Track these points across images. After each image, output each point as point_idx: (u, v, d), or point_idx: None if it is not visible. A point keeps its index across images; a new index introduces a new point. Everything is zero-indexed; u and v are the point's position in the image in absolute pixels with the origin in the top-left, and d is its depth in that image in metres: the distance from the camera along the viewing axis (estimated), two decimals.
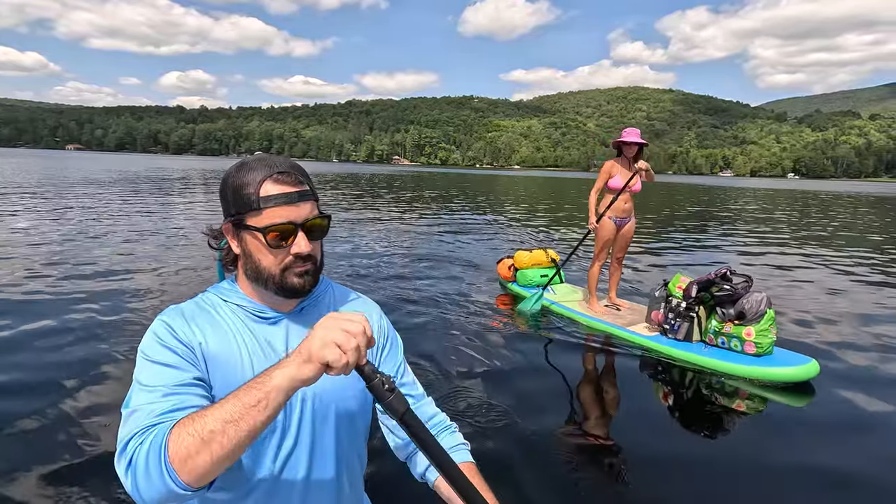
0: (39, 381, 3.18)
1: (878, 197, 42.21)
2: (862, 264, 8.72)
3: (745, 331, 3.64)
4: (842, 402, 3.31)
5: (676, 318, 3.98)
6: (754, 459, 2.62)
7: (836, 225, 16.15)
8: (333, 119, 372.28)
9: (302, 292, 0.91)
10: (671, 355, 3.90)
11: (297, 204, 0.87)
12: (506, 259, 6.14)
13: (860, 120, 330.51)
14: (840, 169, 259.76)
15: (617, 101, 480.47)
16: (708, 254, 9.59)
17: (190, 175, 35.02)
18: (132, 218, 11.06)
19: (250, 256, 0.90)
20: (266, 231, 0.86)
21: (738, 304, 3.69)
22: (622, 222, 4.84)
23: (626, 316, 4.76)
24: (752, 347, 3.62)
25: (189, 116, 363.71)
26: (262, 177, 0.86)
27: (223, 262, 1.00)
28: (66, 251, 7.18)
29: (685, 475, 2.49)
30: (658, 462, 2.59)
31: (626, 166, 4.73)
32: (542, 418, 2.98)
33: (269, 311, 0.94)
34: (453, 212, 16.30)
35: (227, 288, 0.97)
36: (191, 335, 0.87)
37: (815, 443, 2.83)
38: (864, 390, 3.49)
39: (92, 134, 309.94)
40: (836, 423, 3.05)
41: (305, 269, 0.90)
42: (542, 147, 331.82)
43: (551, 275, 5.64)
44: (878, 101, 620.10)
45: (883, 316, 5.48)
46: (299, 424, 0.93)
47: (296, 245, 0.88)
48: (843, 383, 3.59)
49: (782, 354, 3.69)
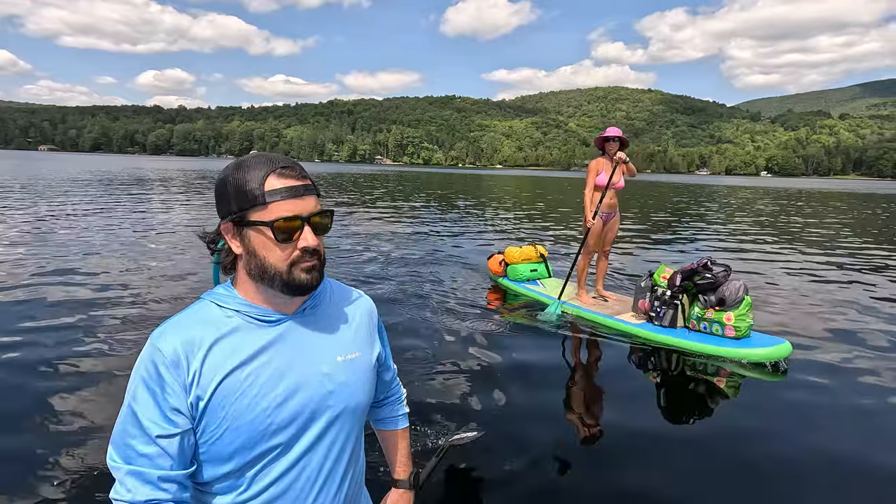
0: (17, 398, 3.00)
1: (846, 193, 43.70)
2: (829, 254, 9.24)
3: (726, 316, 3.92)
4: (811, 377, 3.63)
5: (662, 306, 4.24)
6: (734, 431, 2.89)
7: (806, 219, 16.81)
8: (315, 119, 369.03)
9: (309, 288, 0.91)
10: (658, 340, 4.17)
11: (303, 197, 0.88)
12: (496, 255, 6.35)
13: (830, 119, 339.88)
14: (810, 167, 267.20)
15: (597, 100, 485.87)
16: (686, 246, 9.99)
17: (171, 176, 34.60)
18: (112, 221, 10.76)
19: (255, 254, 0.89)
20: (273, 225, 0.85)
21: (719, 291, 3.97)
22: (608, 217, 5.10)
23: (614, 306, 5.01)
24: (732, 331, 3.91)
25: (167, 116, 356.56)
26: (266, 172, 0.86)
27: (222, 264, 0.98)
28: (43, 258, 6.74)
29: (671, 448, 2.73)
30: (646, 437, 2.82)
31: (611, 163, 4.99)
32: (536, 402, 3.19)
33: (272, 314, 0.93)
34: (439, 210, 16.53)
35: (224, 293, 0.94)
36: (185, 367, 0.85)
37: (788, 413, 3.12)
38: (830, 367, 3.83)
39: (66, 134, 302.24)
40: (805, 396, 3.35)
41: (312, 264, 0.90)
42: (524, 146, 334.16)
43: (541, 269, 5.90)
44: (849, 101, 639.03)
45: (847, 301, 5.90)
46: (317, 421, 0.94)
47: (303, 239, 0.87)
48: (812, 361, 3.93)
49: (759, 337, 3.99)
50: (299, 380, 0.91)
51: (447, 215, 15.01)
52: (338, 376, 0.96)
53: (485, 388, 3.35)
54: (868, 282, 7.07)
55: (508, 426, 2.88)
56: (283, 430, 0.90)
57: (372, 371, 1.05)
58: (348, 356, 0.99)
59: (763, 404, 3.26)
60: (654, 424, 3.01)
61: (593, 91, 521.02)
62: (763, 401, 3.32)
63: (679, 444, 2.78)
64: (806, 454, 2.67)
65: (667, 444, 2.77)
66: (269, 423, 0.87)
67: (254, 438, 0.87)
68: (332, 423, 0.96)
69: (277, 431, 0.89)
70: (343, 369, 0.97)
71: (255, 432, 0.87)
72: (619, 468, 2.54)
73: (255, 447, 0.88)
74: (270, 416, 0.87)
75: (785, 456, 2.63)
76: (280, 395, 0.89)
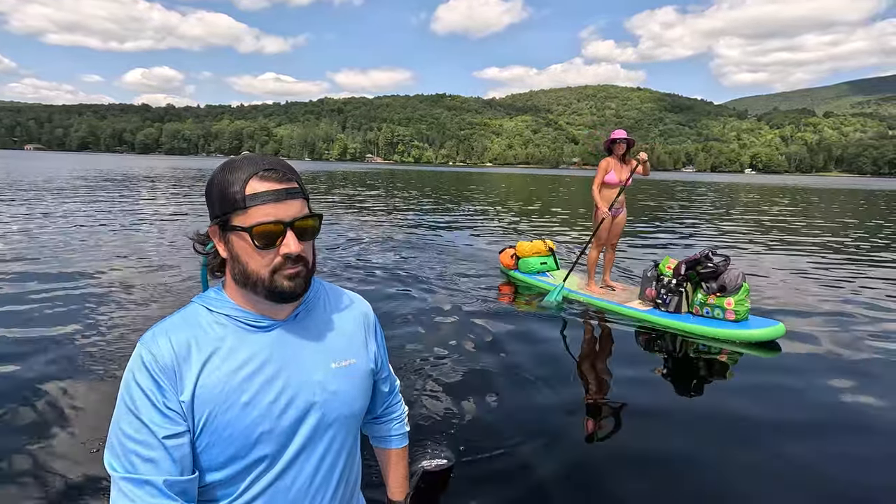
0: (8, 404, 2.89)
1: (828, 189, 44.70)
2: (817, 245, 9.78)
3: (726, 301, 4.34)
4: (803, 355, 4.05)
5: (668, 294, 4.65)
6: (734, 404, 3.26)
7: (794, 213, 17.39)
8: (305, 117, 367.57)
9: (292, 296, 0.87)
10: (665, 325, 4.57)
11: (285, 201, 0.84)
12: (507, 249, 6.72)
13: (815, 118, 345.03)
14: (793, 164, 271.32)
15: (587, 98, 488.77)
16: (683, 240, 10.42)
17: (162, 174, 34.55)
18: (103, 220, 10.50)
19: (237, 259, 0.86)
20: (252, 230, 0.82)
21: (720, 279, 4.39)
22: (616, 212, 5.51)
23: (621, 295, 5.41)
24: (732, 315, 4.32)
25: (155, 115, 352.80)
26: (248, 174, 0.83)
27: (210, 267, 0.95)
28: (32, 258, 6.55)
29: (678, 422, 3.04)
30: (655, 413, 3.12)
31: (619, 163, 5.41)
32: (553, 383, 3.47)
33: (262, 320, 0.90)
34: (437, 207, 16.83)
35: (214, 297, 0.91)
36: (174, 374, 0.82)
37: (782, 388, 3.51)
38: (821, 345, 4.26)
39: (52, 133, 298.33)
40: (798, 372, 3.75)
41: (296, 271, 0.86)
42: (514, 144, 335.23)
43: (550, 262, 6.29)
44: (835, 99, 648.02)
45: (835, 285, 6.43)
46: (310, 429, 0.91)
47: (284, 245, 0.84)
48: (804, 340, 4.36)
49: (756, 320, 4.41)
50: (292, 387, 0.89)
51: (446, 213, 15.33)
52: (331, 384, 0.93)
53: (505, 368, 3.67)
54: (854, 269, 7.64)
55: (525, 399, 3.18)
56: (275, 439, 0.87)
57: (367, 378, 1.02)
58: (343, 363, 0.96)
59: (759, 379, 3.66)
60: (660, 398, 3.35)
61: (583, 89, 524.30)
62: (759, 376, 3.72)
63: (682, 415, 3.11)
64: (794, 423, 3.07)
65: (671, 415, 3.10)
66: (261, 432, 0.85)
67: (246, 447, 0.85)
68: (326, 430, 0.93)
69: (270, 440, 0.87)
70: (337, 376, 0.95)
71: (247, 441, 0.85)
72: (626, 434, 2.87)
73: (247, 456, 0.86)
74: (262, 425, 0.85)
75: (778, 423, 3.03)
76: (272, 403, 0.86)
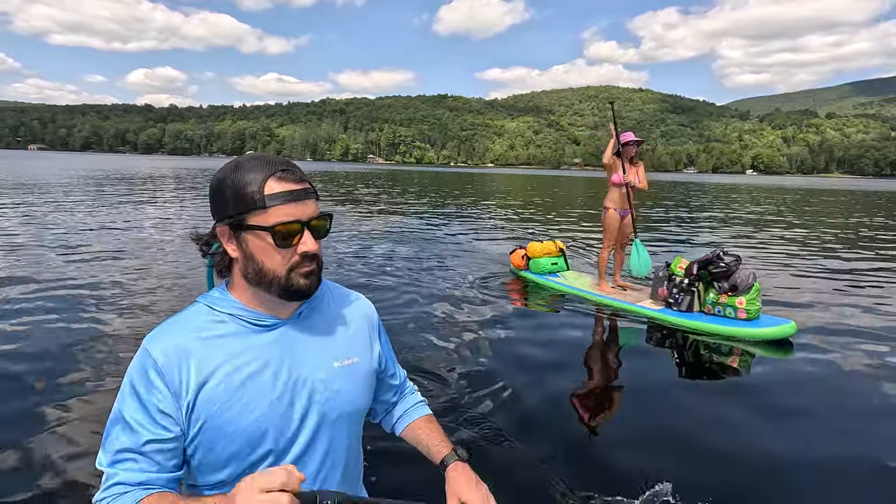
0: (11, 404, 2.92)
1: (829, 190, 44.72)
2: (825, 245, 9.85)
3: (738, 300, 4.43)
4: (813, 352, 4.14)
5: (680, 293, 4.74)
6: (746, 399, 3.34)
7: (799, 214, 17.45)
8: (307, 118, 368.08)
9: (307, 293, 0.90)
10: (677, 323, 4.66)
11: (303, 202, 0.86)
12: (518, 249, 6.82)
13: (817, 119, 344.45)
14: (794, 165, 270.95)
15: (589, 99, 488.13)
16: (692, 240, 10.50)
17: (166, 174, 34.72)
18: (106, 220, 10.48)
19: (252, 258, 0.87)
20: (274, 229, 0.83)
21: (731, 278, 4.48)
22: (625, 213, 5.61)
23: (632, 294, 5.51)
24: (744, 313, 4.42)
25: (158, 115, 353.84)
26: (265, 175, 0.84)
27: (216, 268, 0.96)
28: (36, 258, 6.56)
29: (691, 417, 3.13)
30: (667, 408, 3.22)
31: (628, 164, 5.52)
32: (569, 377, 3.59)
33: (267, 319, 0.91)
34: (439, 207, 16.95)
35: (219, 297, 0.92)
36: (177, 373, 0.83)
37: (793, 383, 3.61)
38: (831, 342, 4.35)
39: (56, 133, 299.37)
40: (809, 369, 3.84)
41: (311, 269, 0.88)
42: (516, 145, 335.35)
43: (560, 263, 6.39)
44: (837, 100, 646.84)
45: (845, 284, 6.56)
46: (313, 427, 0.92)
47: (303, 244, 0.86)
48: (815, 338, 4.44)
49: (767, 318, 4.50)
50: (294, 386, 0.90)
51: (450, 213, 15.43)
52: (334, 382, 0.94)
53: (518, 364, 3.77)
54: (863, 267, 7.79)
55: (538, 395, 3.26)
56: (278, 437, 0.88)
57: (371, 376, 1.03)
58: (345, 361, 0.97)
59: (771, 375, 3.76)
60: (673, 394, 3.44)
61: (585, 90, 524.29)
62: (771, 372, 3.82)
63: (693, 410, 3.19)
64: (807, 419, 3.16)
65: (687, 411, 3.18)
66: (263, 431, 0.86)
67: (249, 445, 0.86)
68: (329, 428, 0.94)
69: (272, 438, 0.87)
70: (340, 375, 0.95)
71: (249, 439, 0.85)
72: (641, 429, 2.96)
73: (250, 454, 0.86)
74: (265, 423, 0.86)
75: (790, 419, 3.13)
76: (275, 401, 0.87)
